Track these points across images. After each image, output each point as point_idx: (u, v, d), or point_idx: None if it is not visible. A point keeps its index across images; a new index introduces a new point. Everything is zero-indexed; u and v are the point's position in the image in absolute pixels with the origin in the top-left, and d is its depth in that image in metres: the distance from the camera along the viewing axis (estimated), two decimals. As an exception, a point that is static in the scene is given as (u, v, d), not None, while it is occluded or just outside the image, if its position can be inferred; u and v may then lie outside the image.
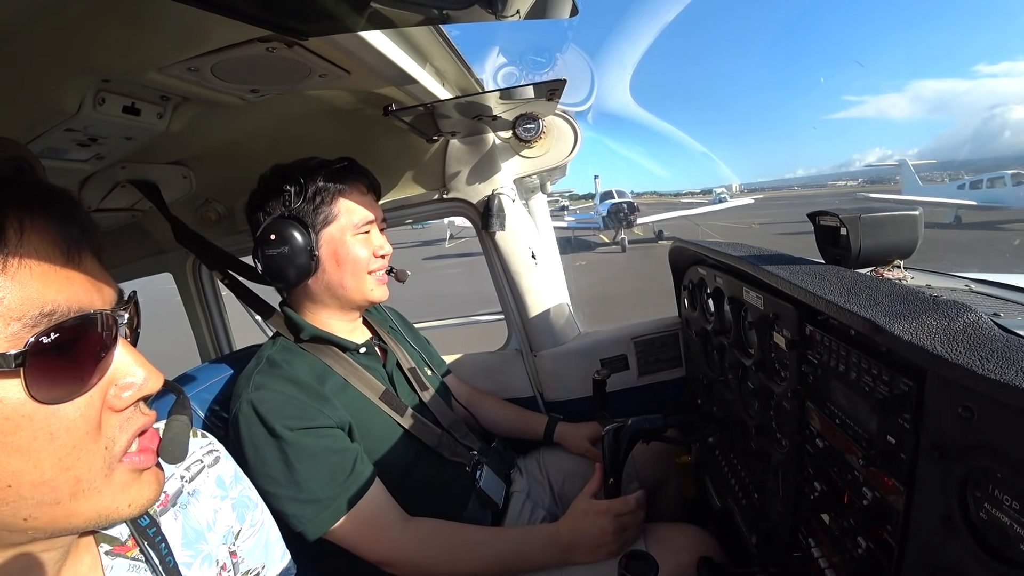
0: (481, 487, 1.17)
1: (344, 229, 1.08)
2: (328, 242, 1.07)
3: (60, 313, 0.39)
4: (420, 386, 1.24)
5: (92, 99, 0.81)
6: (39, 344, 0.37)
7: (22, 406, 0.37)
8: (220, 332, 1.83)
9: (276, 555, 0.72)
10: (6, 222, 0.37)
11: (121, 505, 0.43)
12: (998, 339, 0.49)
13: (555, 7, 0.62)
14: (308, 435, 0.94)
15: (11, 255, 0.37)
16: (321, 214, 1.06)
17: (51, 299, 0.38)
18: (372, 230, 1.13)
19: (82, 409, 0.40)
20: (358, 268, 1.10)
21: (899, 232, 0.90)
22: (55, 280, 0.39)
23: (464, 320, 2.18)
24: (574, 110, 1.49)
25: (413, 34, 0.95)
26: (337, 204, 1.08)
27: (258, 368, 1.02)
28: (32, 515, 0.39)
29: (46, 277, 0.39)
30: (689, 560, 0.99)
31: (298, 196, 1.05)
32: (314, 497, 0.92)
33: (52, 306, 0.38)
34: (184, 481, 0.62)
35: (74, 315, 0.40)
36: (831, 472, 0.75)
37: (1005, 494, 0.45)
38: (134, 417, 0.45)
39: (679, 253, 1.45)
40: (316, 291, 1.11)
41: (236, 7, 0.60)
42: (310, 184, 1.06)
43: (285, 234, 1.02)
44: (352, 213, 1.09)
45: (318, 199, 1.06)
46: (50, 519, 0.40)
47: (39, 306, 0.38)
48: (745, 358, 1.02)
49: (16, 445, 0.37)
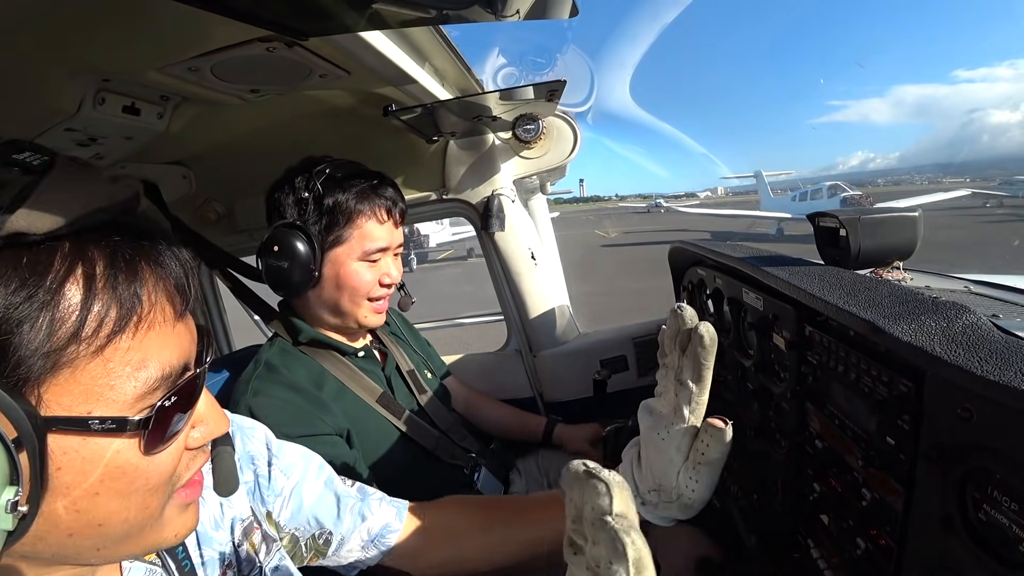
0: (479, 489, 1.17)
1: (352, 253, 1.03)
2: (332, 263, 1.03)
3: (174, 374, 0.40)
4: (419, 389, 1.24)
5: (92, 99, 0.81)
6: (163, 409, 0.39)
7: (132, 458, 0.39)
8: (219, 332, 1.83)
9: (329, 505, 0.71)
10: (136, 281, 0.37)
11: (168, 536, 0.45)
12: (997, 340, 0.49)
13: (555, 7, 0.63)
14: (305, 443, 0.94)
15: (142, 320, 0.38)
16: (332, 234, 1.01)
17: (167, 360, 0.39)
18: (383, 257, 1.08)
19: (172, 455, 0.42)
20: (357, 295, 1.05)
21: (898, 233, 0.91)
22: (169, 340, 0.40)
23: (465, 320, 2.18)
24: (574, 111, 1.49)
25: (413, 34, 0.95)
26: (351, 227, 1.02)
27: (256, 372, 1.01)
28: (106, 546, 0.40)
29: (163, 338, 0.39)
30: (688, 560, 0.99)
31: (314, 206, 1.00)
32: None
33: (169, 368, 0.39)
34: None
35: (181, 373, 0.41)
36: (830, 473, 0.75)
37: (1004, 495, 0.45)
38: (198, 456, 0.46)
39: (679, 254, 1.45)
40: (313, 302, 1.08)
41: (236, 7, 0.60)
42: (328, 196, 0.99)
43: (289, 247, 0.97)
44: (364, 240, 1.03)
45: (333, 217, 1.00)
46: (116, 551, 0.42)
47: (160, 368, 0.39)
48: (744, 359, 1.02)
49: (117, 490, 0.38)
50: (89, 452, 0.37)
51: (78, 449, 0.36)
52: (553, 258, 1.85)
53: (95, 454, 0.37)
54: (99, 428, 0.36)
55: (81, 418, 0.35)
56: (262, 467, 0.68)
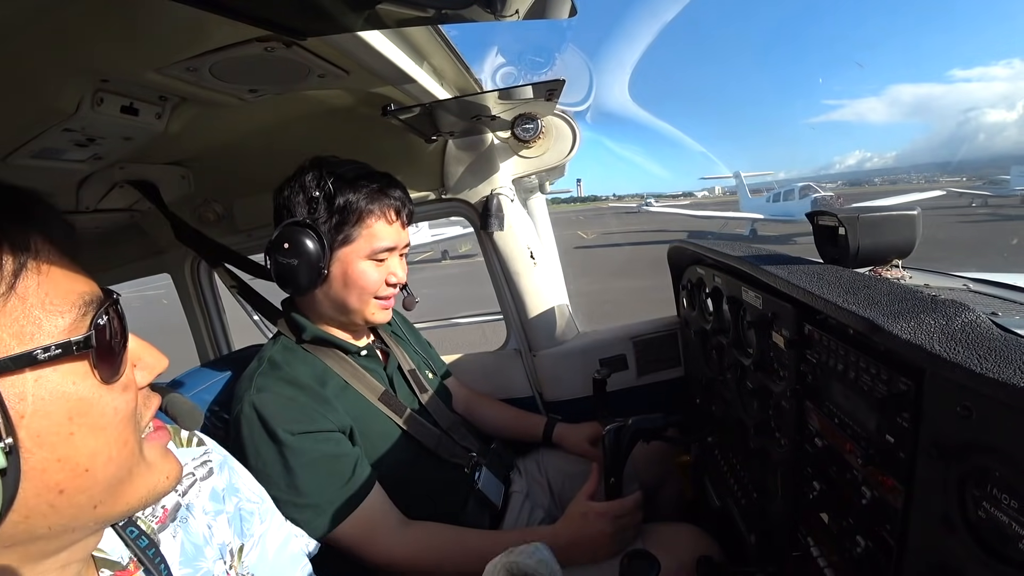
0: (480, 488, 1.16)
1: (360, 252, 1.04)
2: (341, 261, 1.04)
3: (95, 300, 0.42)
4: (420, 388, 1.24)
5: (90, 99, 0.81)
6: (99, 327, 0.40)
7: (91, 387, 0.40)
8: (219, 333, 1.83)
9: (285, 562, 0.71)
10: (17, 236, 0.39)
11: (160, 478, 0.46)
12: (996, 338, 0.49)
13: (554, 7, 0.63)
14: (308, 439, 0.94)
15: (40, 259, 0.39)
16: (341, 233, 1.02)
17: (82, 289, 0.41)
18: (390, 257, 1.09)
19: (124, 386, 0.43)
20: (364, 293, 1.07)
21: (897, 232, 0.91)
22: (75, 274, 0.42)
23: (464, 320, 2.18)
24: (573, 110, 1.49)
25: (412, 34, 0.95)
26: (360, 227, 1.03)
27: (260, 369, 1.01)
28: (103, 499, 0.41)
29: (70, 274, 0.41)
30: (688, 560, 0.99)
31: (325, 205, 1.01)
32: (313, 502, 0.91)
33: (88, 295, 0.41)
34: (179, 495, 0.60)
35: (101, 300, 0.42)
36: (830, 471, 0.75)
37: (1003, 493, 0.45)
38: (151, 396, 0.48)
39: (678, 252, 1.45)
40: (320, 300, 1.09)
41: (234, 7, 0.60)
42: (339, 196, 1.01)
43: (299, 245, 0.98)
44: (372, 239, 1.04)
45: (343, 216, 1.02)
46: (115, 502, 0.42)
47: (79, 295, 0.41)
48: (744, 357, 1.02)
49: (92, 424, 0.39)
50: (47, 391, 0.37)
51: (35, 392, 0.37)
52: (552, 257, 1.85)
53: (54, 392, 0.38)
54: (45, 358, 0.37)
55: (23, 354, 0.36)
56: (244, 504, 0.68)
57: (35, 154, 0.93)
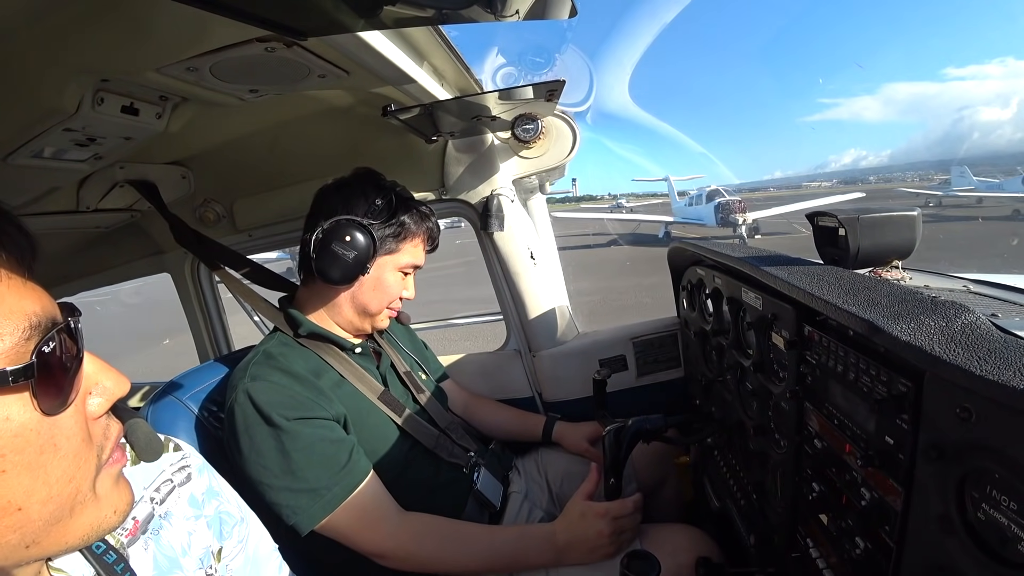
0: (478, 488, 1.16)
1: (396, 264, 1.14)
2: (379, 267, 1.11)
3: (44, 324, 0.38)
4: (416, 389, 1.25)
5: (91, 99, 0.81)
6: (43, 355, 0.37)
7: (29, 420, 0.36)
8: (219, 333, 1.83)
9: (270, 571, 0.69)
10: None
11: (108, 513, 0.42)
12: (996, 340, 0.49)
13: (554, 8, 0.63)
14: (304, 424, 0.94)
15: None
16: (389, 243, 1.11)
17: (31, 310, 0.37)
18: (412, 273, 1.19)
19: (74, 417, 0.40)
20: (384, 300, 1.15)
21: (897, 233, 0.91)
22: (26, 293, 0.38)
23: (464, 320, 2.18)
24: (573, 110, 1.49)
25: (412, 34, 0.95)
26: (405, 242, 1.13)
27: (254, 360, 1.03)
28: (37, 539, 0.38)
29: (19, 291, 0.38)
30: (687, 560, 0.99)
31: (384, 217, 1.09)
32: (309, 487, 0.92)
33: (36, 318, 0.37)
34: (155, 504, 0.58)
35: (51, 324, 0.38)
36: (829, 472, 0.75)
37: (1003, 495, 0.45)
38: (111, 423, 0.44)
39: (678, 253, 1.45)
40: (341, 298, 1.13)
41: (235, 7, 0.60)
42: (399, 214, 1.11)
43: (357, 242, 1.04)
44: (409, 255, 1.15)
45: (396, 229, 1.11)
46: (52, 541, 0.39)
47: (25, 318, 0.37)
48: (744, 358, 1.02)
49: (27, 463, 0.36)
50: None
51: None
52: (552, 258, 1.85)
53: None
54: None
55: None
56: (224, 506, 0.66)
57: (35, 154, 0.93)
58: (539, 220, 1.78)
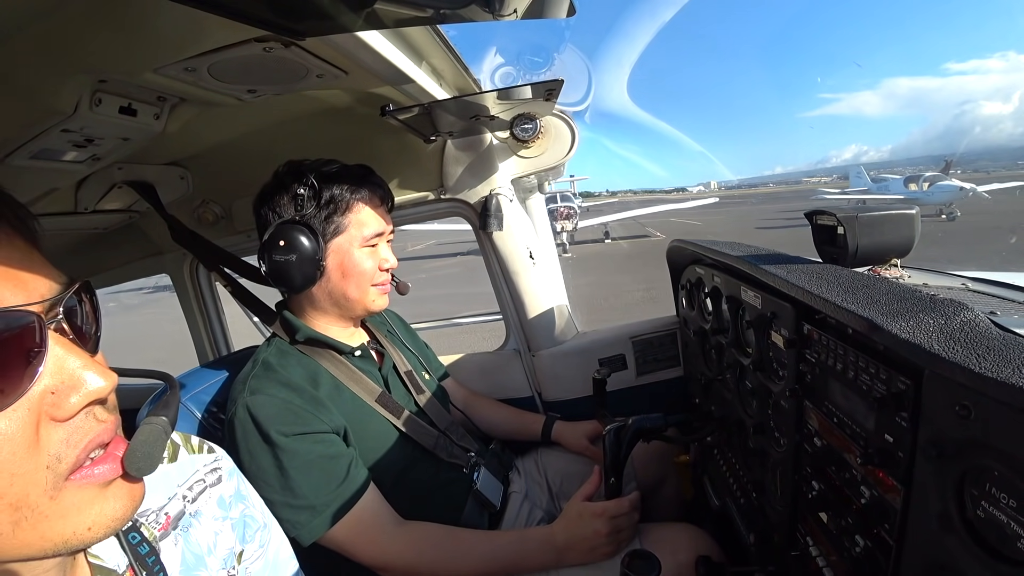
0: (478, 489, 1.16)
1: (353, 241, 1.08)
2: (336, 252, 1.07)
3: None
4: (416, 389, 1.24)
5: (88, 100, 0.81)
6: None
7: None
8: (218, 333, 1.83)
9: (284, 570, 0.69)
10: None
11: (79, 529, 0.36)
12: (995, 337, 0.49)
13: (553, 7, 0.62)
14: (303, 441, 0.94)
15: None
16: (332, 223, 1.05)
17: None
18: (380, 242, 1.13)
19: (12, 423, 0.34)
20: (362, 281, 1.10)
21: (896, 231, 0.91)
22: None
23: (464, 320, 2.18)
24: (571, 110, 1.48)
25: (410, 34, 0.95)
26: (349, 215, 1.07)
27: (253, 372, 1.02)
28: None
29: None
30: (687, 559, 0.99)
31: (311, 201, 1.04)
32: (308, 503, 0.92)
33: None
34: (187, 502, 0.58)
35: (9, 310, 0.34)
36: (829, 471, 0.75)
37: (1002, 492, 0.45)
38: (85, 426, 0.37)
39: (677, 252, 1.45)
40: (318, 297, 1.10)
41: (233, 7, 0.59)
42: (324, 190, 1.04)
43: (294, 241, 1.01)
44: (363, 226, 1.08)
45: (331, 207, 1.05)
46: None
47: None
48: (743, 357, 1.02)
49: None
50: None
51: None
52: (551, 257, 1.85)
53: None
54: None
55: None
56: (249, 510, 0.66)
57: (34, 155, 0.92)
58: (538, 220, 1.78)
